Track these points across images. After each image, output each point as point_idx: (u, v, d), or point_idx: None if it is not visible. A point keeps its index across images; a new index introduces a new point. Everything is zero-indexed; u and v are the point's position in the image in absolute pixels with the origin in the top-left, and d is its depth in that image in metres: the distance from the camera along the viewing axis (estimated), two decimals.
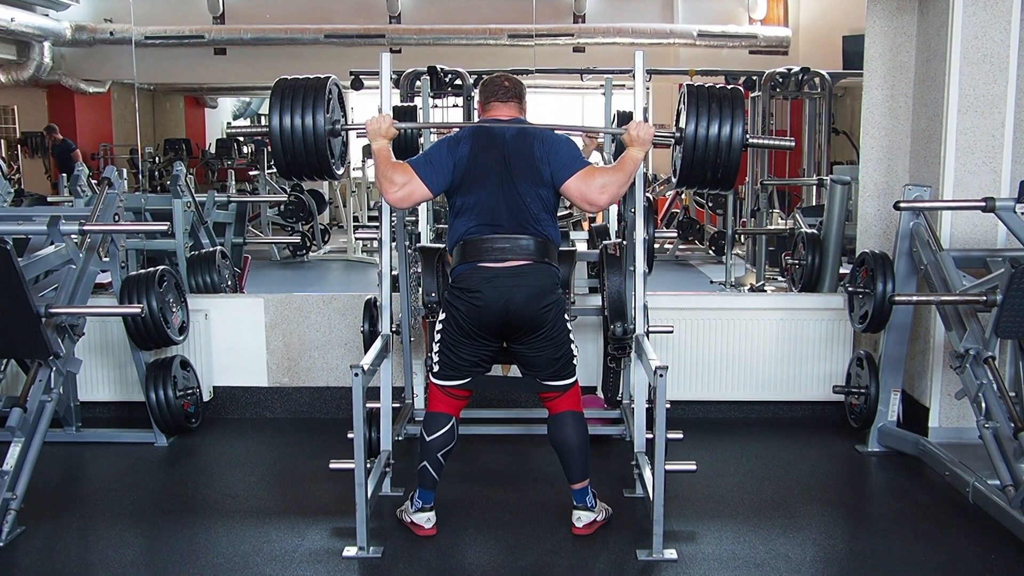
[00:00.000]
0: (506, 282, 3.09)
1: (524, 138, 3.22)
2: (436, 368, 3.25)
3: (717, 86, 3.27)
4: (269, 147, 3.31)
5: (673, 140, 3.31)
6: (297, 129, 3.25)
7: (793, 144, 3.66)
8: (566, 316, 3.24)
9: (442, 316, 3.24)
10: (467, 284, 3.13)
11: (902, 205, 3.87)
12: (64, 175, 7.64)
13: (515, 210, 3.16)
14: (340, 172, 3.50)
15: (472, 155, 3.19)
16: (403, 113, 4.40)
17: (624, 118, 4.66)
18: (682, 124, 3.26)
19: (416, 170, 3.19)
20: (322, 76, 3.35)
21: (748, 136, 3.24)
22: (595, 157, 5.97)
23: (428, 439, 3.24)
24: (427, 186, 3.18)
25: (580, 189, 3.16)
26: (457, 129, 3.35)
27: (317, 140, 3.28)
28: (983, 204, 3.63)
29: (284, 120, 3.26)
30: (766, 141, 3.70)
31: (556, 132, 3.32)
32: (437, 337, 3.24)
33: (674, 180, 3.37)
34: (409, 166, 3.20)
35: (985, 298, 3.47)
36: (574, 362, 3.25)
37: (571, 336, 3.23)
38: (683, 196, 9.16)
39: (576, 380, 3.29)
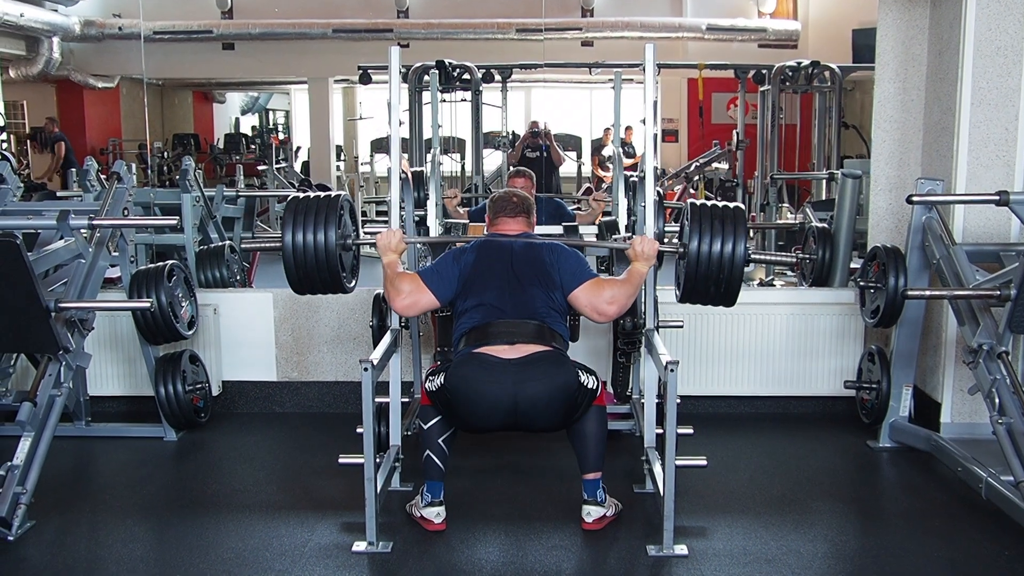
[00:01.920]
0: (513, 376, 3.09)
1: (533, 248, 3.33)
2: (430, 392, 3.24)
3: (721, 204, 3.29)
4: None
5: (677, 254, 3.32)
6: (309, 245, 3.28)
7: (795, 261, 3.69)
8: (579, 374, 3.18)
9: (441, 383, 3.19)
10: (467, 378, 3.11)
11: (915, 199, 3.84)
12: (71, 170, 7.66)
13: (522, 307, 3.22)
14: (351, 286, 3.53)
15: (477, 262, 3.29)
16: (417, 179, 4.37)
17: (631, 187, 4.66)
18: (686, 240, 3.27)
19: (424, 280, 3.29)
20: (332, 194, 3.39)
21: (751, 253, 3.28)
22: (608, 150, 5.94)
23: (426, 427, 3.25)
24: (434, 294, 3.28)
25: (590, 300, 3.24)
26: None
27: (328, 256, 3.30)
28: (996, 198, 3.60)
29: (296, 237, 3.28)
30: (769, 257, 3.71)
31: (565, 245, 3.40)
32: (438, 381, 3.20)
33: (677, 293, 3.39)
34: (417, 276, 3.31)
35: (999, 293, 3.45)
36: (594, 391, 3.23)
37: (585, 381, 3.18)
38: (693, 191, 9.13)
39: (599, 387, 3.28)
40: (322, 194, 3.41)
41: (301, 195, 3.40)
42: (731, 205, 3.28)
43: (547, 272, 3.27)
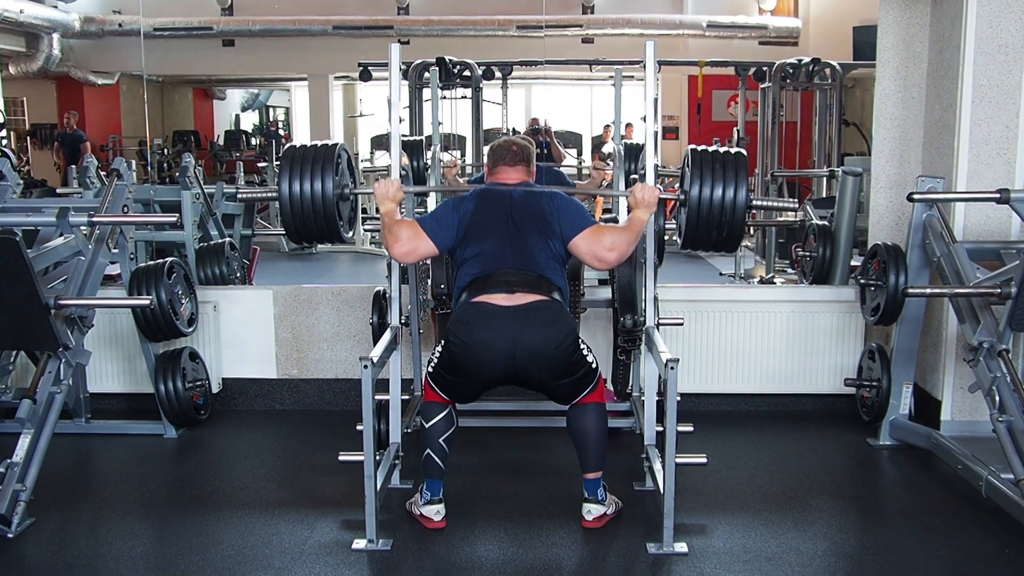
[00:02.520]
0: (512, 323, 3.07)
1: (532, 196, 3.28)
2: (432, 373, 3.25)
3: (722, 150, 3.29)
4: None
5: (678, 202, 3.32)
6: (307, 194, 3.27)
7: (796, 205, 3.67)
8: (580, 340, 3.20)
9: (441, 346, 3.21)
10: (467, 324, 3.10)
11: (915, 196, 3.83)
12: (72, 167, 7.65)
13: (521, 257, 3.19)
14: (349, 235, 3.51)
15: (476, 210, 3.25)
16: (410, 147, 4.41)
17: (632, 150, 4.63)
18: (687, 187, 3.26)
19: (423, 227, 3.25)
20: (331, 143, 3.37)
21: (752, 199, 3.26)
22: (608, 148, 5.94)
23: (427, 426, 3.24)
24: (433, 241, 3.23)
25: (590, 247, 3.20)
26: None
27: (326, 205, 3.29)
28: (997, 196, 3.59)
29: (293, 186, 3.27)
30: (771, 203, 3.69)
31: (564, 193, 3.37)
32: (436, 353, 3.23)
33: (679, 240, 3.38)
34: (416, 223, 3.27)
35: (999, 290, 3.45)
36: (593, 370, 3.23)
37: (586, 352, 3.20)
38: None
39: (599, 377, 3.28)
40: (319, 143, 3.38)
41: (299, 144, 3.38)
42: (732, 150, 3.27)
43: (546, 220, 3.22)
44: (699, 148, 3.31)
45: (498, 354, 3.07)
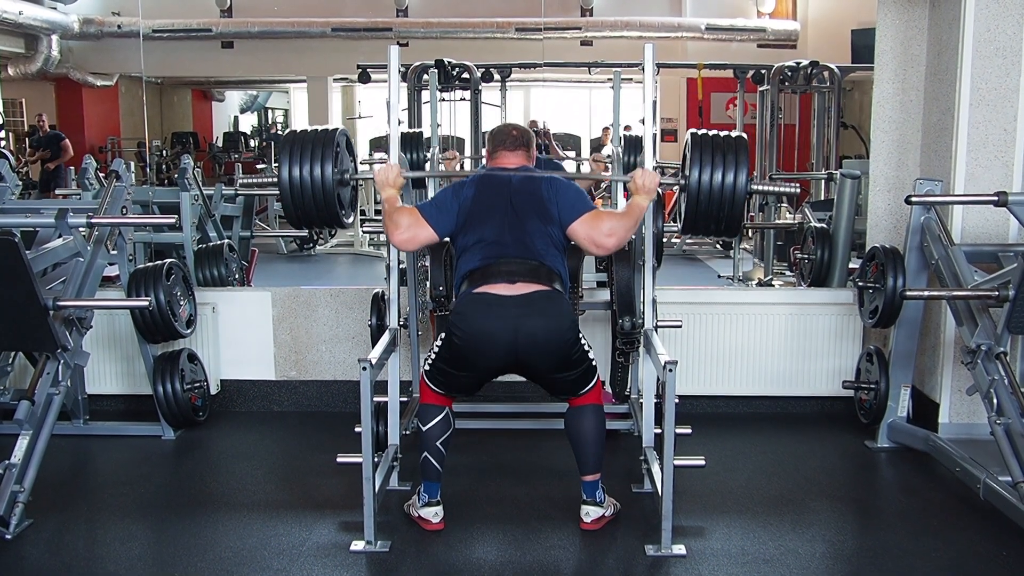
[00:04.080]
0: (513, 311, 3.06)
1: (531, 181, 3.26)
2: (429, 370, 3.24)
3: (722, 134, 3.29)
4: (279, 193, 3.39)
5: (678, 187, 3.32)
6: (306, 180, 3.26)
7: (798, 190, 3.68)
8: (580, 335, 3.20)
9: (441, 338, 3.21)
10: (469, 315, 3.10)
11: (913, 199, 3.84)
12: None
13: (521, 244, 3.17)
14: (349, 221, 3.52)
15: (476, 197, 3.23)
16: (410, 140, 4.42)
17: (632, 142, 4.64)
18: (687, 172, 3.26)
19: (423, 213, 3.22)
20: (330, 128, 3.37)
21: (752, 184, 3.26)
22: (606, 151, 5.96)
23: (425, 429, 3.24)
24: (433, 228, 3.21)
25: (588, 232, 3.18)
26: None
27: (326, 191, 3.29)
28: (995, 198, 3.60)
29: (293, 172, 3.27)
30: (771, 188, 3.70)
31: (563, 178, 3.36)
32: (436, 348, 3.22)
33: (678, 226, 3.38)
34: (416, 209, 3.24)
35: (997, 293, 3.45)
36: (593, 367, 3.23)
37: (586, 348, 3.20)
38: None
39: (597, 377, 3.27)
40: (319, 127, 3.37)
41: (298, 129, 3.37)
42: (732, 135, 3.27)
43: (545, 207, 3.20)
44: (699, 132, 3.30)
45: (500, 342, 3.06)
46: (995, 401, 3.38)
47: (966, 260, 3.73)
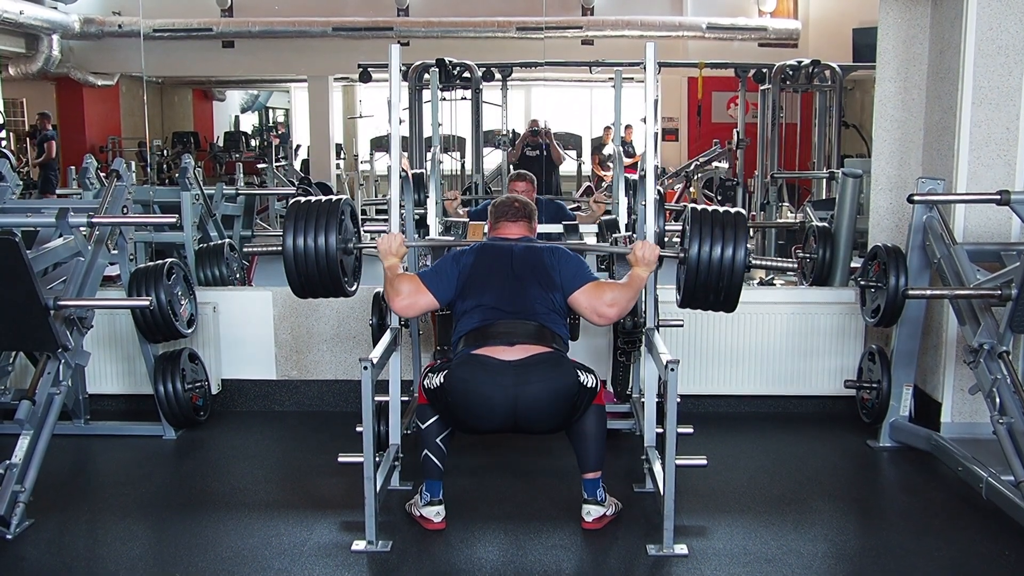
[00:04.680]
0: (513, 379, 3.08)
1: (533, 250, 3.33)
2: (429, 392, 3.23)
3: (721, 210, 3.28)
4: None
5: (678, 259, 3.32)
6: (310, 249, 3.27)
7: (796, 266, 3.68)
8: (578, 373, 3.16)
9: (441, 381, 3.17)
10: (466, 380, 3.10)
11: (915, 198, 3.83)
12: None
13: (521, 308, 3.21)
14: (353, 290, 3.53)
15: (476, 263, 3.30)
16: (417, 181, 4.37)
17: (632, 184, 4.64)
18: (687, 246, 3.26)
19: (423, 281, 3.29)
20: (334, 198, 3.38)
21: (751, 259, 3.24)
22: (607, 150, 5.95)
23: (423, 427, 3.25)
24: (433, 294, 3.28)
25: (590, 302, 3.24)
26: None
27: (329, 260, 3.29)
28: (998, 197, 3.59)
29: (297, 241, 3.28)
30: (769, 263, 3.71)
31: (566, 248, 3.40)
32: (437, 380, 3.19)
33: (677, 297, 3.38)
34: (416, 277, 3.32)
35: (999, 292, 3.44)
36: (592, 388, 3.21)
37: (586, 383, 3.17)
38: (691, 189, 9.13)
39: (598, 385, 3.27)
40: (323, 198, 3.40)
41: (303, 199, 3.39)
42: (732, 210, 3.27)
43: (547, 273, 3.27)
44: (699, 208, 3.31)
45: (498, 408, 3.09)
46: (997, 400, 3.37)
47: (968, 259, 3.72)
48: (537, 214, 3.59)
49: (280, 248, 3.33)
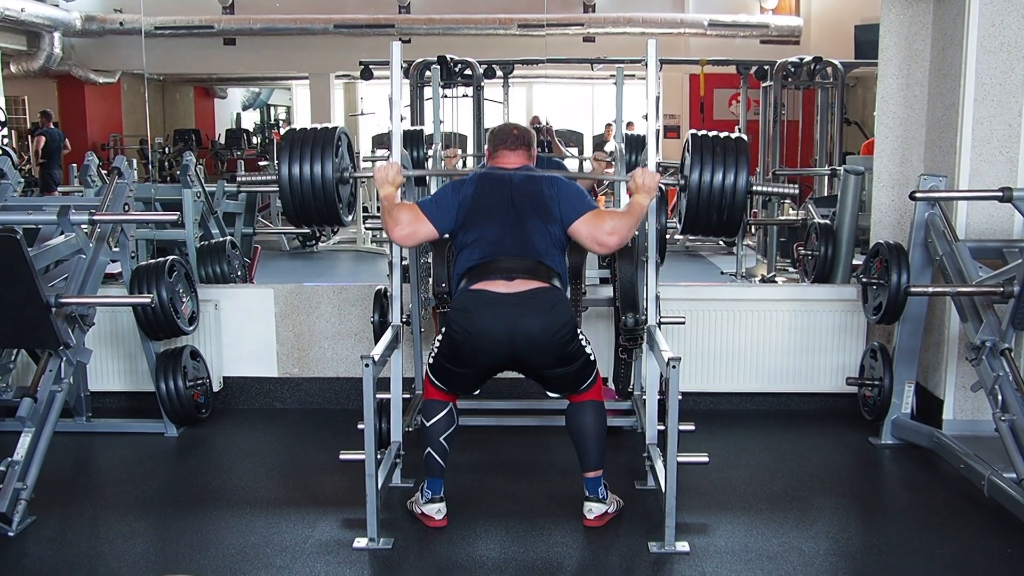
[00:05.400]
0: (512, 311, 3.06)
1: (532, 180, 3.26)
2: (432, 365, 3.24)
3: (723, 135, 3.28)
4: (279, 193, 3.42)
5: (679, 187, 3.31)
6: (306, 178, 3.26)
7: (797, 191, 3.69)
8: (579, 331, 3.19)
9: (441, 333, 3.20)
10: (467, 312, 3.10)
11: (917, 195, 3.83)
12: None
13: (521, 243, 3.17)
14: (349, 219, 3.52)
15: (476, 194, 3.24)
16: (411, 137, 4.42)
17: (633, 141, 4.62)
18: (687, 172, 3.26)
19: (423, 210, 3.24)
20: (331, 126, 3.37)
21: (752, 184, 3.25)
22: (609, 147, 5.95)
23: (428, 425, 3.24)
24: (433, 224, 3.22)
25: (590, 231, 3.19)
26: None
27: (325, 189, 3.29)
28: (1000, 194, 3.59)
29: (293, 170, 3.27)
30: (771, 189, 3.72)
31: (564, 177, 3.36)
32: (436, 343, 3.22)
33: (679, 225, 3.38)
34: (416, 206, 3.26)
35: (1002, 289, 3.44)
36: (592, 363, 3.22)
37: (584, 343, 3.19)
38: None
39: (597, 374, 3.27)
40: (319, 126, 3.37)
41: (298, 128, 3.37)
42: (732, 135, 3.26)
43: (546, 205, 3.20)
44: (699, 133, 3.30)
45: (498, 340, 3.06)
46: (999, 397, 3.37)
47: (970, 256, 3.72)
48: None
49: (276, 178, 3.32)
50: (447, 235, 3.33)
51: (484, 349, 3.09)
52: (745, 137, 3.28)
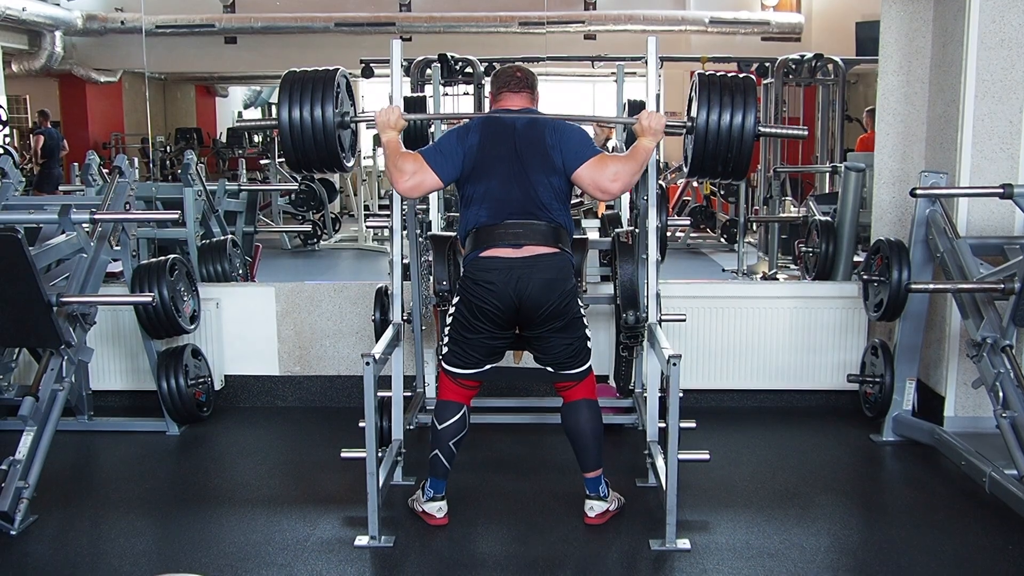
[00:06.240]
0: (519, 272, 3.07)
1: (535, 127, 3.19)
2: (447, 354, 3.23)
3: (729, 75, 3.24)
4: (279, 136, 3.35)
5: (685, 129, 3.28)
6: (307, 122, 3.22)
7: (806, 133, 3.63)
8: (580, 303, 3.21)
9: (454, 303, 3.22)
10: (479, 274, 3.11)
11: (918, 192, 3.83)
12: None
13: (527, 198, 3.13)
14: (350, 164, 3.48)
15: (482, 144, 3.18)
16: (413, 104, 4.39)
17: (635, 107, 4.63)
18: (694, 113, 3.22)
19: (426, 159, 3.17)
20: (331, 68, 3.32)
21: (760, 125, 3.20)
22: (611, 143, 5.96)
23: (440, 427, 3.22)
24: (437, 175, 3.16)
25: (593, 177, 3.13)
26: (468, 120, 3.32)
27: (326, 133, 3.25)
28: (1001, 191, 3.59)
29: (293, 113, 3.23)
30: (778, 130, 3.69)
31: (567, 121, 3.29)
32: (449, 322, 3.23)
33: (686, 169, 3.34)
34: (420, 155, 3.18)
35: (1003, 286, 3.44)
36: (588, 347, 3.23)
37: (585, 323, 3.21)
38: (695, 184, 9.12)
39: (591, 368, 3.27)
40: (319, 68, 3.33)
41: (298, 69, 3.33)
42: (739, 76, 3.22)
43: (548, 155, 3.15)
44: (706, 74, 3.24)
45: (506, 294, 3.06)
46: (1001, 394, 3.37)
47: (971, 253, 3.72)
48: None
49: (275, 121, 3.29)
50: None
51: (493, 303, 3.08)
52: (752, 76, 3.22)
